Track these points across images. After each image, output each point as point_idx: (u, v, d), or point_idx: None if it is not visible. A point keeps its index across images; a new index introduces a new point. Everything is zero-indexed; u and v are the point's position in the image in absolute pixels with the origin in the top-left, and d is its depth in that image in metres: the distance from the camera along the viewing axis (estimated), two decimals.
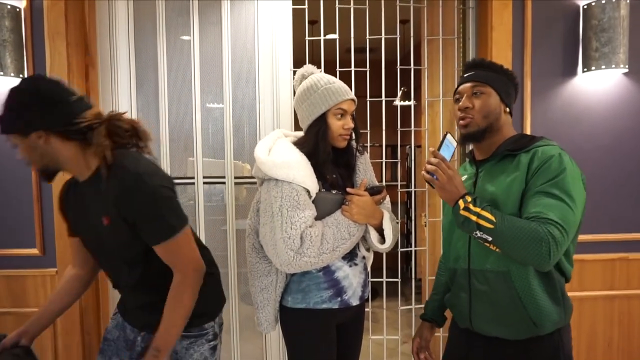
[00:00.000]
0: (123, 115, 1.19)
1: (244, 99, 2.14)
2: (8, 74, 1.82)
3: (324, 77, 1.40)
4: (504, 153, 1.24)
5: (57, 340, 1.98)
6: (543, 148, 1.18)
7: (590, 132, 2.05)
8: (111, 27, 2.08)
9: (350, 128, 1.39)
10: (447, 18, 2.21)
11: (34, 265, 1.96)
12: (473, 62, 1.33)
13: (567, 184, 1.11)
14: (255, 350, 2.20)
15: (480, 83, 1.25)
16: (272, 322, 1.45)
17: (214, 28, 2.11)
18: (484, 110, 1.24)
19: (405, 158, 4.59)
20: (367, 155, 1.55)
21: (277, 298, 1.42)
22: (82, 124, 1.09)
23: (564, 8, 2.02)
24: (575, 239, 1.19)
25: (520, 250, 1.07)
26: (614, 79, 2.03)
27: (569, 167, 1.13)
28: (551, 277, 1.16)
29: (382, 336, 2.25)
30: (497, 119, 1.25)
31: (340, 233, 1.34)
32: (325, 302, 1.38)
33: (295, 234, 1.28)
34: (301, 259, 1.29)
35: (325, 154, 1.37)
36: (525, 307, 1.15)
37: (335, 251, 1.33)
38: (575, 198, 1.10)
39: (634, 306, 2.10)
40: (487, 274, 1.20)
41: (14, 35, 1.84)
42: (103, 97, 2.08)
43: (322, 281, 1.39)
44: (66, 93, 1.11)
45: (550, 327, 1.16)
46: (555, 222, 1.07)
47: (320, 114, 1.36)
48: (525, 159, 1.18)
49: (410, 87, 2.28)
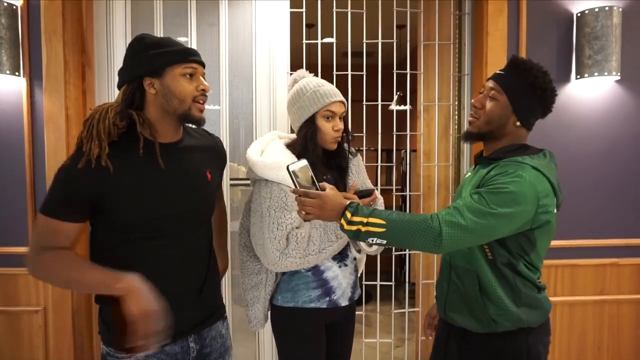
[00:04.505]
0: None
1: (241, 101, 2.14)
2: (4, 71, 1.82)
3: (313, 81, 1.42)
4: (488, 159, 1.27)
5: (48, 340, 1.97)
6: (512, 163, 1.18)
7: (582, 139, 2.08)
8: (108, 27, 2.07)
9: (340, 129, 1.40)
10: (443, 23, 2.23)
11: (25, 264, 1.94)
12: (513, 60, 1.25)
13: (500, 197, 1.09)
14: (248, 353, 2.19)
15: (499, 88, 1.22)
16: (262, 319, 1.47)
17: (211, 29, 2.12)
18: (488, 115, 1.23)
19: (401, 162, 4.61)
20: (360, 158, 1.56)
21: (266, 296, 1.44)
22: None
23: (558, 15, 2.04)
24: (532, 252, 1.19)
25: (413, 242, 1.10)
26: (607, 86, 2.06)
27: (515, 188, 1.10)
28: (508, 280, 1.20)
29: (375, 339, 2.26)
30: (500, 128, 1.23)
31: (327, 235, 1.35)
32: (314, 301, 1.40)
33: (281, 235, 1.30)
34: (287, 259, 1.31)
35: (314, 155, 1.38)
36: (485, 304, 1.21)
37: (321, 253, 1.35)
38: (499, 209, 1.08)
39: (624, 311, 2.13)
40: (459, 269, 1.28)
41: (10, 32, 1.83)
42: (99, 97, 2.08)
43: (310, 280, 1.41)
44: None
45: (509, 325, 1.20)
46: (452, 207, 1.11)
47: (308, 116, 1.39)
48: (491, 170, 1.21)
49: (406, 92, 2.29)
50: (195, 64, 1.14)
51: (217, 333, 1.28)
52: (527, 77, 1.20)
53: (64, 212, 1.07)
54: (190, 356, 1.20)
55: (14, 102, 1.91)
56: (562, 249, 2.08)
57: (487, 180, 1.17)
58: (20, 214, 1.93)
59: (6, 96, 1.91)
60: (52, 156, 1.91)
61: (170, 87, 1.11)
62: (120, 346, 1.04)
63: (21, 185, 1.93)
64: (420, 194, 2.30)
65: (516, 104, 1.21)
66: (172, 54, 1.11)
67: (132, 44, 1.14)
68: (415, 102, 2.33)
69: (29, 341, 1.97)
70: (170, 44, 1.13)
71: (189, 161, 1.20)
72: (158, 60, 1.10)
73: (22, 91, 1.91)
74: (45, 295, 1.95)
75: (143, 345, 0.98)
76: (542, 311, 1.24)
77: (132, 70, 1.12)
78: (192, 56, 1.13)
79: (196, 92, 1.14)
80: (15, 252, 1.93)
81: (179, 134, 1.22)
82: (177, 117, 1.14)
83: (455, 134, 2.27)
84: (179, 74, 1.11)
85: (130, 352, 1.07)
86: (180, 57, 1.11)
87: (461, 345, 1.29)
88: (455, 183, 2.29)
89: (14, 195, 1.93)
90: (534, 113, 1.25)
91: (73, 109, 1.96)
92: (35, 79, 1.91)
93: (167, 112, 1.13)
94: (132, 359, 1.11)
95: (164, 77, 1.11)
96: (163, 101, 1.12)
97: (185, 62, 1.12)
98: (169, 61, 1.10)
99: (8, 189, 1.93)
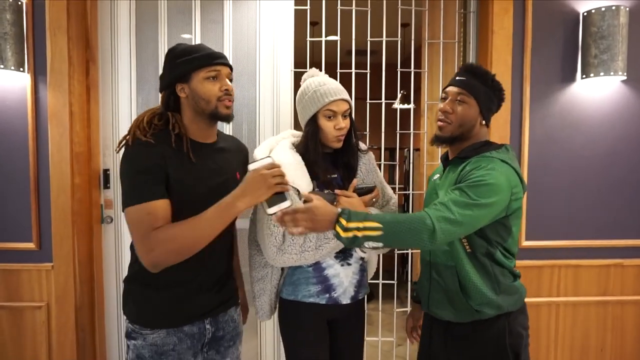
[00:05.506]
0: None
1: (244, 98, 2.14)
2: (8, 67, 1.82)
3: (317, 80, 1.43)
4: (458, 157, 1.35)
5: (51, 336, 1.97)
6: (483, 158, 1.28)
7: (588, 139, 2.06)
8: (113, 23, 2.07)
9: (342, 128, 1.40)
10: (448, 22, 2.22)
11: (29, 259, 1.95)
12: (468, 67, 1.37)
13: (480, 189, 1.18)
14: (249, 351, 2.19)
15: (465, 92, 1.33)
16: (267, 311, 1.53)
17: (215, 27, 2.11)
18: (460, 119, 1.33)
19: (404, 161, 4.60)
20: (371, 156, 1.56)
21: (272, 289, 1.49)
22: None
23: (564, 15, 2.03)
24: (509, 238, 1.30)
25: (410, 240, 1.15)
26: (613, 86, 2.05)
27: (492, 179, 1.19)
28: (487, 270, 1.29)
29: (377, 338, 2.26)
30: (470, 129, 1.34)
31: (323, 233, 1.35)
32: (313, 296, 1.43)
33: (277, 231, 1.34)
34: (283, 255, 1.35)
35: (315, 153, 1.40)
36: (467, 296, 1.29)
37: (318, 250, 1.36)
38: (481, 199, 1.17)
39: (628, 312, 2.12)
40: (439, 266, 1.36)
41: (16, 28, 1.83)
42: (103, 93, 2.08)
43: (311, 276, 1.44)
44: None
45: (491, 313, 1.29)
46: (437, 203, 1.18)
47: (311, 116, 1.41)
48: (464, 166, 1.29)
49: (410, 90, 2.29)
50: (219, 66, 1.25)
51: (229, 318, 1.41)
52: (486, 81, 1.33)
53: (148, 191, 1.16)
54: (206, 337, 1.33)
55: (18, 98, 1.92)
56: (566, 249, 2.07)
57: (463, 175, 1.26)
58: (24, 210, 1.94)
59: (11, 92, 1.92)
60: (56, 152, 1.91)
61: (196, 90, 1.24)
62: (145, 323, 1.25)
63: (25, 180, 1.93)
64: (423, 193, 2.29)
65: (482, 105, 1.33)
66: (195, 60, 1.23)
67: (167, 54, 1.28)
68: (419, 100, 2.32)
69: (32, 337, 1.97)
70: (196, 51, 1.25)
71: (222, 160, 1.33)
72: (184, 66, 1.23)
73: (27, 87, 1.91)
74: (49, 291, 1.96)
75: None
76: (519, 296, 1.35)
77: (166, 78, 1.27)
78: (214, 59, 1.24)
79: (220, 92, 1.25)
80: (19, 248, 1.94)
81: (214, 136, 1.35)
82: (207, 117, 1.26)
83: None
84: (203, 77, 1.23)
85: (155, 328, 1.26)
86: (204, 62, 1.23)
87: (446, 334, 1.38)
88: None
89: (17, 190, 1.93)
90: (492, 111, 1.38)
91: (77, 104, 1.96)
92: (39, 75, 1.91)
93: (198, 112, 1.26)
94: (155, 334, 1.26)
95: (191, 82, 1.24)
96: (193, 103, 1.25)
97: (209, 65, 1.23)
98: (194, 67, 1.23)
99: (12, 185, 1.93)
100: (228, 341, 1.40)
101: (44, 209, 1.94)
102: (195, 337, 1.31)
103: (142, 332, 1.26)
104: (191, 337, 1.30)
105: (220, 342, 1.38)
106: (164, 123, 1.26)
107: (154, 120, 1.24)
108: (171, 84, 1.26)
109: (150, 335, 1.26)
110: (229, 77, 1.29)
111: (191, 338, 1.30)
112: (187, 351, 1.29)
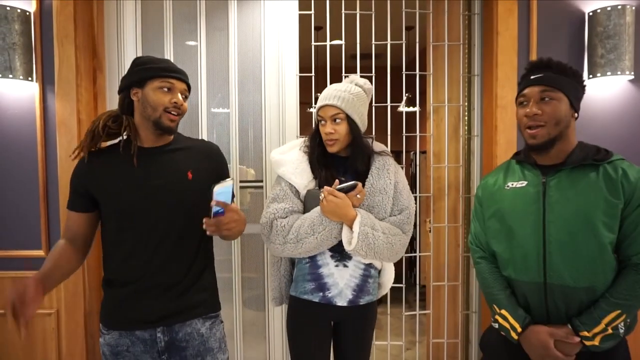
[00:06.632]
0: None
1: (250, 104, 2.15)
2: (17, 76, 1.84)
3: (328, 87, 1.51)
4: (587, 162, 1.20)
5: (60, 343, 1.98)
6: (625, 161, 1.20)
7: (595, 139, 2.04)
8: (119, 32, 2.10)
9: (327, 133, 1.46)
10: (453, 24, 2.22)
11: (39, 266, 1.92)
12: (541, 62, 1.25)
13: None
14: (258, 355, 2.19)
15: (550, 87, 1.20)
16: (277, 297, 1.62)
17: (220, 34, 2.13)
18: (554, 117, 1.19)
19: (410, 164, 4.59)
20: (387, 160, 1.54)
21: (281, 278, 1.60)
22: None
23: (569, 14, 2.02)
24: None
25: None
26: (620, 85, 2.03)
27: None
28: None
29: (386, 342, 2.24)
30: (568, 126, 1.21)
31: (303, 227, 1.40)
32: (307, 293, 1.48)
33: (266, 222, 1.45)
34: (270, 244, 1.45)
35: (313, 155, 1.50)
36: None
37: (299, 243, 1.40)
38: None
39: None
40: (566, 289, 1.18)
41: (24, 38, 1.86)
42: (110, 100, 2.10)
43: (306, 273, 1.49)
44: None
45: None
46: None
47: (316, 121, 1.53)
48: (612, 171, 1.18)
49: (416, 93, 2.28)
50: (174, 80, 1.32)
51: (194, 330, 1.35)
52: (564, 70, 1.22)
53: (71, 202, 1.37)
54: (159, 345, 1.32)
55: (27, 107, 1.94)
56: None
57: (637, 189, 1.16)
58: (33, 218, 1.95)
59: (20, 101, 1.94)
60: (65, 160, 1.93)
61: (147, 96, 1.31)
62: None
63: (34, 188, 1.95)
64: (430, 196, 2.29)
65: (571, 96, 1.21)
66: (153, 69, 1.31)
67: (132, 61, 1.36)
68: (425, 103, 2.32)
69: (42, 344, 1.98)
70: (158, 62, 1.33)
71: (168, 162, 1.35)
72: (142, 73, 1.31)
73: (35, 96, 1.93)
74: (58, 298, 1.97)
75: None
76: None
77: (124, 81, 1.34)
78: (170, 72, 1.32)
79: (169, 103, 1.31)
80: (29, 256, 1.96)
81: (165, 140, 1.38)
82: (151, 124, 1.32)
83: (465, 135, 2.26)
84: (157, 86, 1.30)
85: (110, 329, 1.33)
86: (159, 72, 1.30)
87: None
88: (466, 184, 2.27)
89: (26, 198, 1.95)
90: (580, 100, 1.26)
91: (84, 112, 1.98)
92: (47, 84, 1.94)
93: (145, 118, 1.33)
94: (110, 335, 1.32)
95: (144, 88, 1.31)
96: (142, 108, 1.32)
97: (163, 77, 1.31)
98: (150, 75, 1.30)
99: (21, 192, 1.95)
100: (194, 357, 1.34)
101: (52, 216, 1.96)
102: (148, 343, 1.31)
103: (102, 331, 1.35)
104: (143, 342, 1.31)
105: (182, 354, 1.34)
106: (117, 125, 1.35)
107: (108, 123, 1.34)
108: (127, 87, 1.33)
109: (106, 334, 1.34)
110: (184, 93, 1.36)
111: (143, 343, 1.31)
112: (143, 355, 1.32)
